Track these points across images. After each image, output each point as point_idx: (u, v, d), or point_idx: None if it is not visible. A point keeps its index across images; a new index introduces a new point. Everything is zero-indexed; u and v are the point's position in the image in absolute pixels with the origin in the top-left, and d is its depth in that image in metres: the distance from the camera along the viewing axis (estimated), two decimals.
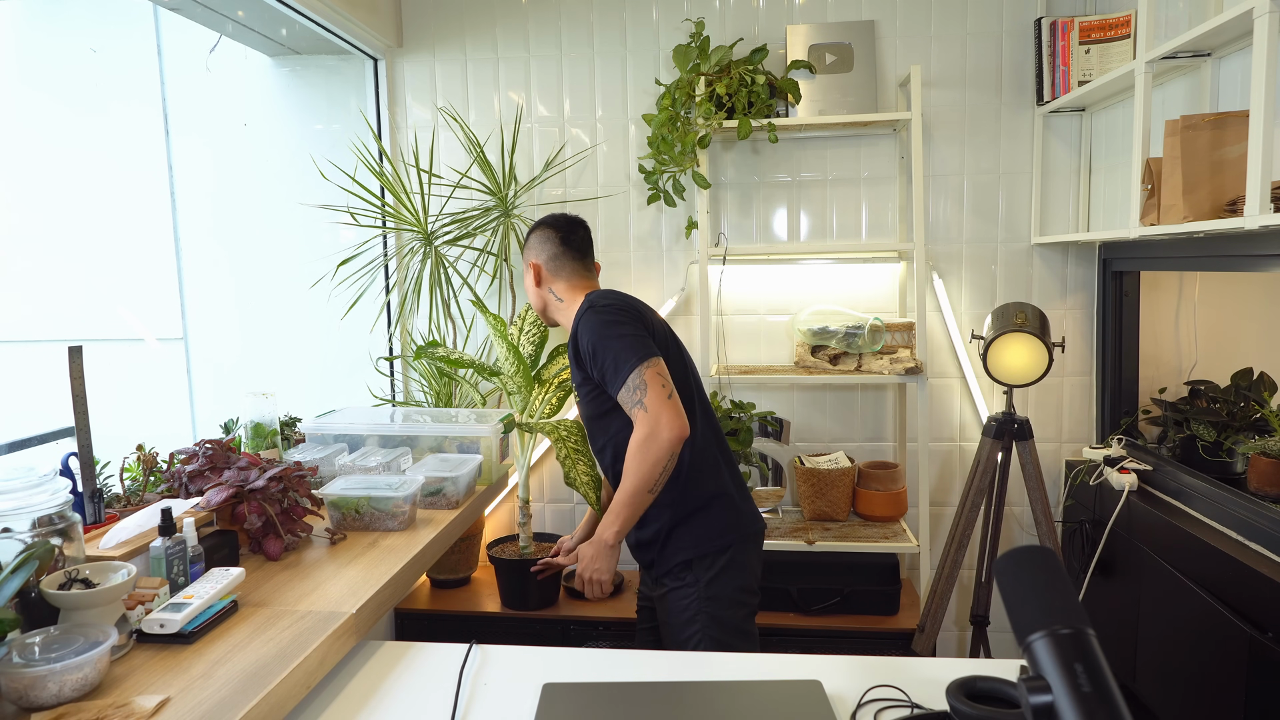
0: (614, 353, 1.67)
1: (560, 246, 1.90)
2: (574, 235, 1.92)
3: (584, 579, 1.76)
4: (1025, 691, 0.72)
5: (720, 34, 2.76)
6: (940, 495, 2.84)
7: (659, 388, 1.64)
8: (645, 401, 1.64)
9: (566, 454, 2.43)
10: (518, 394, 2.57)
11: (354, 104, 2.97)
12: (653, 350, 1.69)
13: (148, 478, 1.79)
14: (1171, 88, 2.23)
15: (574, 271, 1.90)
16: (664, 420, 1.62)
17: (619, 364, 1.66)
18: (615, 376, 1.67)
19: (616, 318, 1.72)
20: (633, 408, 1.66)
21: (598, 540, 1.74)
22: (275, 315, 3.10)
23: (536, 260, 1.91)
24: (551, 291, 1.91)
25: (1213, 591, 1.85)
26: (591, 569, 1.75)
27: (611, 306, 1.74)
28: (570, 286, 1.89)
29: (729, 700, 1.23)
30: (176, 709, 1.08)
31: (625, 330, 1.70)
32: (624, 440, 1.75)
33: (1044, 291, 2.75)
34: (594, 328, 1.71)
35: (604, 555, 1.74)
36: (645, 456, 1.63)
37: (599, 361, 1.69)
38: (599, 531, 1.74)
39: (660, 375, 1.66)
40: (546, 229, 1.92)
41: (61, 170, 3.10)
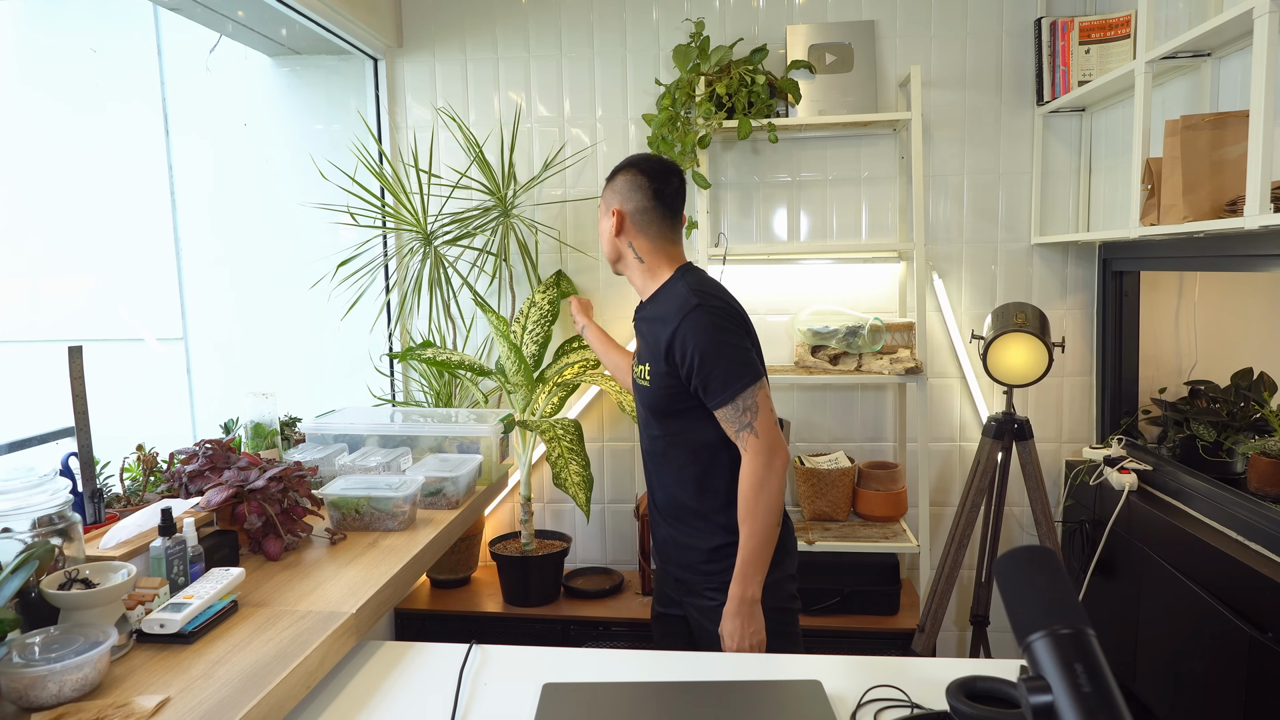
0: (725, 366, 1.56)
1: (652, 200, 1.69)
2: (668, 187, 1.71)
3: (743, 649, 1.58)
4: (1025, 691, 0.72)
5: (720, 34, 2.76)
6: (940, 495, 2.84)
7: (769, 412, 1.57)
8: (757, 426, 1.55)
9: (560, 453, 2.43)
10: (518, 393, 2.57)
11: (354, 104, 2.97)
12: (761, 370, 1.61)
13: (148, 478, 1.79)
14: (1171, 88, 2.23)
15: (661, 234, 1.71)
16: (776, 447, 1.56)
17: (729, 379, 1.56)
18: (722, 390, 1.56)
19: (730, 325, 1.60)
20: (740, 430, 1.57)
21: (742, 601, 1.57)
22: (275, 315, 3.10)
23: (622, 208, 1.70)
24: (632, 247, 1.71)
25: (1213, 591, 1.85)
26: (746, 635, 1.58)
27: (723, 311, 1.61)
28: (655, 250, 1.71)
29: (729, 700, 1.23)
30: (176, 709, 1.08)
31: (738, 342, 1.59)
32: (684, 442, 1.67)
33: (1044, 291, 2.75)
34: (705, 331, 1.57)
35: (755, 615, 1.58)
36: (768, 489, 1.55)
37: (705, 369, 1.57)
38: (736, 593, 1.58)
39: (768, 398, 1.58)
40: (638, 173, 1.70)
41: (61, 170, 3.10)
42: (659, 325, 1.64)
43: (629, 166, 1.72)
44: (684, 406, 1.64)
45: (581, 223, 2.87)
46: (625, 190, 1.70)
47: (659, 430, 1.71)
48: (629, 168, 1.72)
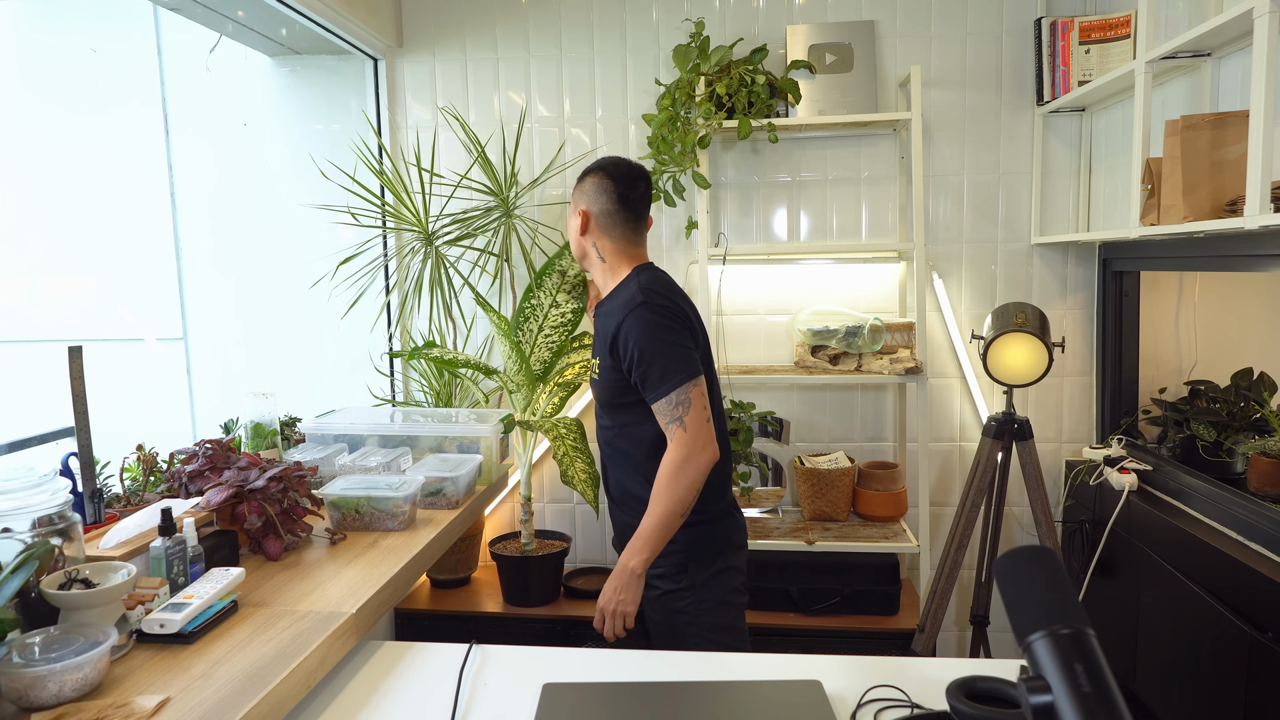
0: (661, 362, 1.62)
1: (617, 204, 1.76)
2: (634, 191, 1.77)
3: (607, 611, 1.67)
4: (1025, 691, 0.72)
5: (720, 34, 2.76)
6: (940, 495, 2.84)
7: (700, 409, 1.62)
8: (686, 421, 1.61)
9: (565, 452, 2.43)
10: (519, 392, 2.57)
11: (354, 104, 2.97)
12: (699, 368, 1.66)
13: (148, 478, 1.79)
14: (1171, 88, 2.23)
15: (624, 236, 1.78)
16: (700, 443, 1.61)
17: (665, 375, 1.62)
18: (658, 386, 1.62)
19: (671, 324, 1.66)
20: (670, 423, 1.62)
21: (623, 570, 1.66)
22: (275, 315, 3.10)
23: (587, 208, 1.78)
24: (595, 247, 1.79)
25: (1213, 591, 1.85)
26: (616, 600, 1.67)
27: (667, 310, 1.67)
28: (617, 251, 1.78)
29: (729, 700, 1.23)
30: (176, 709, 1.08)
31: (676, 340, 1.65)
32: (630, 434, 1.74)
33: (1044, 291, 2.75)
34: (645, 328, 1.64)
35: (631, 585, 1.66)
36: (681, 480, 1.60)
37: (643, 365, 1.64)
38: (624, 560, 1.66)
39: (702, 395, 1.63)
40: (605, 177, 1.77)
41: (61, 170, 3.10)
42: (608, 320, 1.73)
43: (598, 169, 1.79)
44: (629, 400, 1.70)
45: None
46: (592, 192, 1.78)
47: (609, 421, 1.79)
48: (598, 170, 1.78)
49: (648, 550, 1.64)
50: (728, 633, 1.74)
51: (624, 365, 1.67)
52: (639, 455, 1.74)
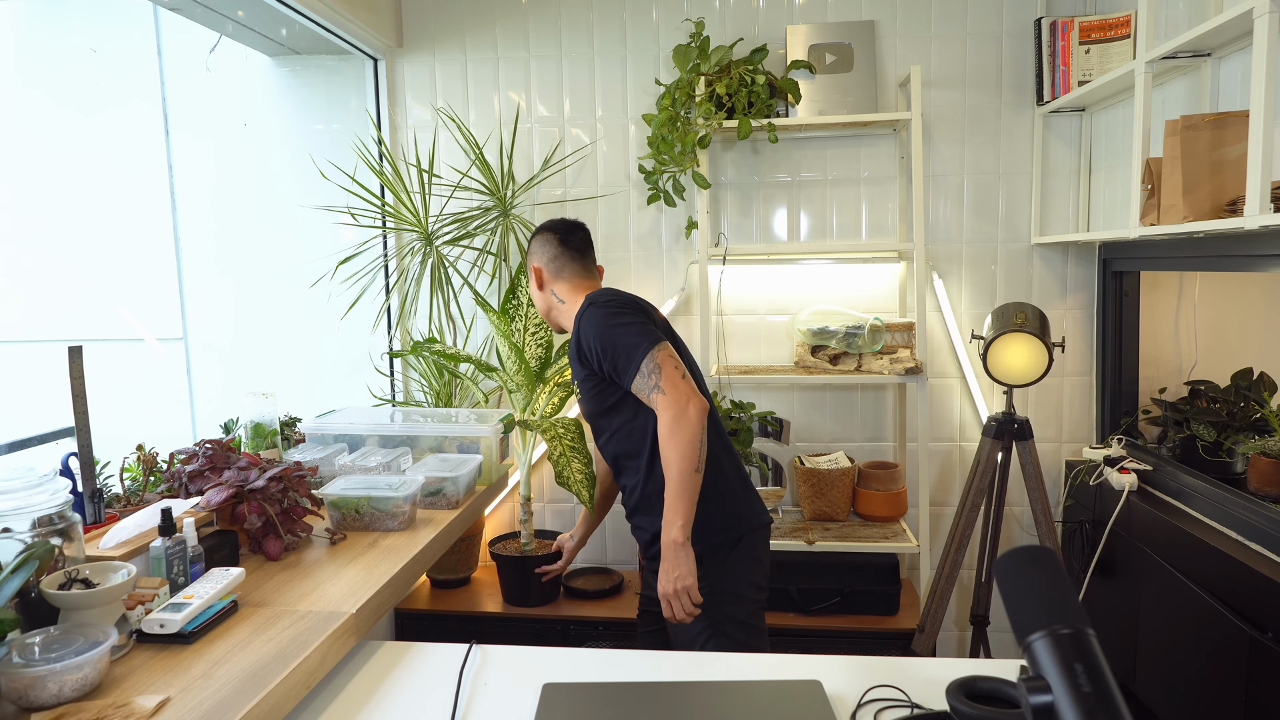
0: (622, 342, 1.68)
1: (559, 247, 1.91)
2: (573, 236, 1.93)
3: (670, 594, 1.62)
4: (1025, 691, 0.72)
5: (720, 34, 2.76)
6: (940, 495, 2.84)
7: (672, 368, 1.65)
8: (662, 384, 1.64)
9: (561, 452, 2.43)
10: (519, 392, 2.57)
11: (354, 104, 2.97)
12: (659, 336, 1.70)
13: (148, 478, 1.79)
14: (1171, 88, 2.23)
15: (575, 273, 1.91)
16: (683, 399, 1.62)
17: (630, 353, 1.66)
18: (628, 365, 1.67)
19: (618, 310, 1.73)
20: (651, 393, 1.66)
21: (668, 547, 1.62)
22: (275, 315, 3.10)
23: (537, 264, 1.93)
24: (554, 294, 1.92)
25: (1213, 591, 1.85)
26: (673, 580, 1.61)
27: (612, 301, 1.75)
28: (572, 288, 1.90)
29: (729, 700, 1.23)
30: (176, 709, 1.08)
31: (629, 319, 1.71)
32: (629, 434, 1.77)
33: (1044, 291, 2.75)
34: (597, 321, 1.71)
35: (680, 558, 1.61)
36: (681, 436, 1.62)
37: (608, 354, 1.69)
38: (664, 539, 1.63)
39: (671, 357, 1.67)
40: (545, 232, 1.95)
41: (61, 170, 3.10)
42: (573, 338, 1.80)
43: (538, 231, 1.96)
44: (615, 398, 1.76)
45: None
46: (538, 249, 1.94)
47: (608, 431, 1.82)
48: (539, 232, 1.96)
49: (680, 516, 1.62)
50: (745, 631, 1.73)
51: (594, 365, 1.74)
52: (645, 455, 1.77)
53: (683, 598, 1.61)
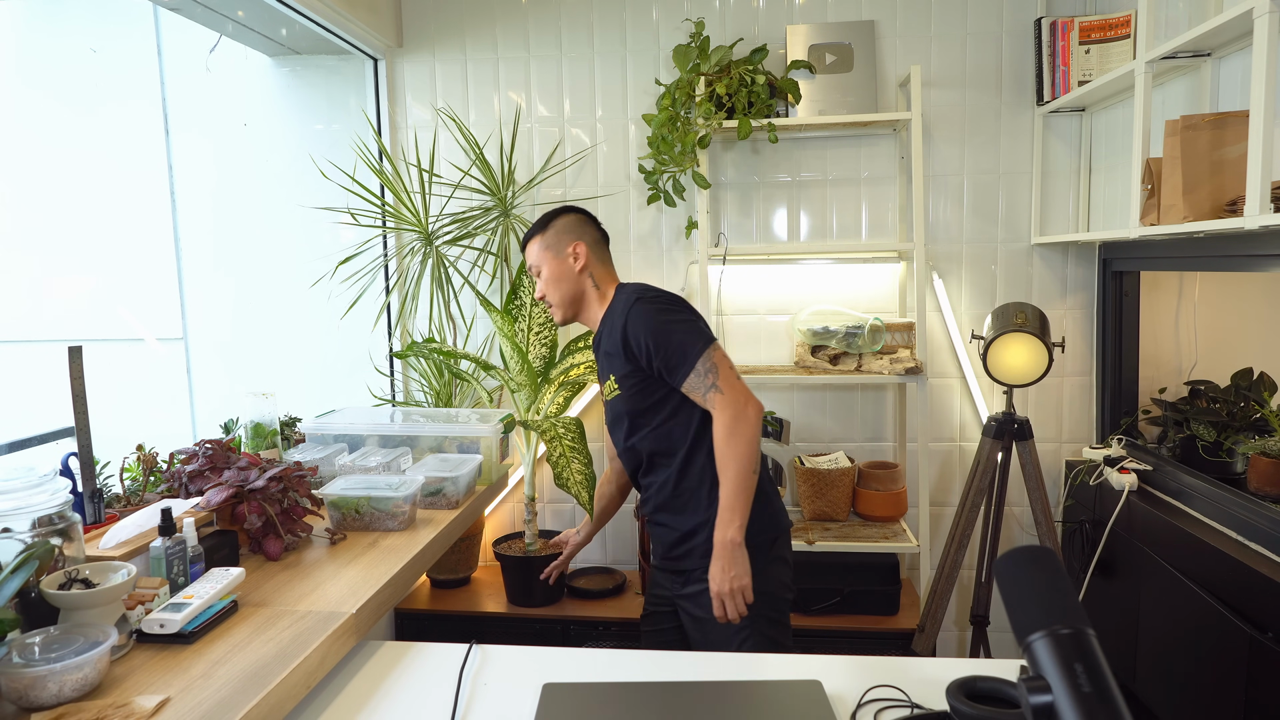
0: (676, 340, 1.65)
1: (597, 232, 1.87)
2: (598, 222, 1.90)
3: (725, 593, 1.60)
4: (1025, 691, 0.72)
5: (720, 34, 2.76)
6: (940, 495, 2.84)
7: (728, 368, 1.65)
8: (720, 384, 1.63)
9: (561, 452, 2.43)
10: (521, 392, 2.57)
11: (354, 104, 2.97)
12: (711, 335, 1.70)
13: (148, 478, 1.79)
14: (1171, 88, 2.23)
15: (608, 260, 1.88)
16: (742, 399, 1.63)
17: (686, 350, 1.64)
18: (683, 363, 1.64)
19: (668, 307, 1.71)
20: (707, 392, 1.64)
21: (723, 545, 1.60)
22: (275, 315, 3.10)
23: (582, 243, 1.82)
24: (592, 278, 1.83)
25: (1213, 591, 1.85)
26: (729, 578, 1.60)
27: (660, 298, 1.73)
28: (606, 276, 1.85)
29: (729, 700, 1.23)
30: (176, 709, 1.08)
31: (681, 317, 1.69)
32: (668, 431, 1.73)
33: (1044, 291, 2.75)
34: (648, 317, 1.68)
35: (737, 558, 1.60)
36: (740, 437, 1.61)
37: (660, 351, 1.66)
38: (720, 537, 1.61)
39: (725, 356, 1.67)
40: (577, 214, 1.87)
41: (61, 170, 3.10)
42: (612, 333, 1.75)
43: (566, 212, 1.87)
44: (658, 397, 1.72)
45: None
46: (576, 228, 1.84)
47: (647, 427, 1.76)
48: (565, 213, 1.87)
49: (738, 517, 1.61)
50: (779, 629, 1.72)
51: (643, 361, 1.69)
52: (682, 452, 1.74)
53: (737, 597, 1.60)
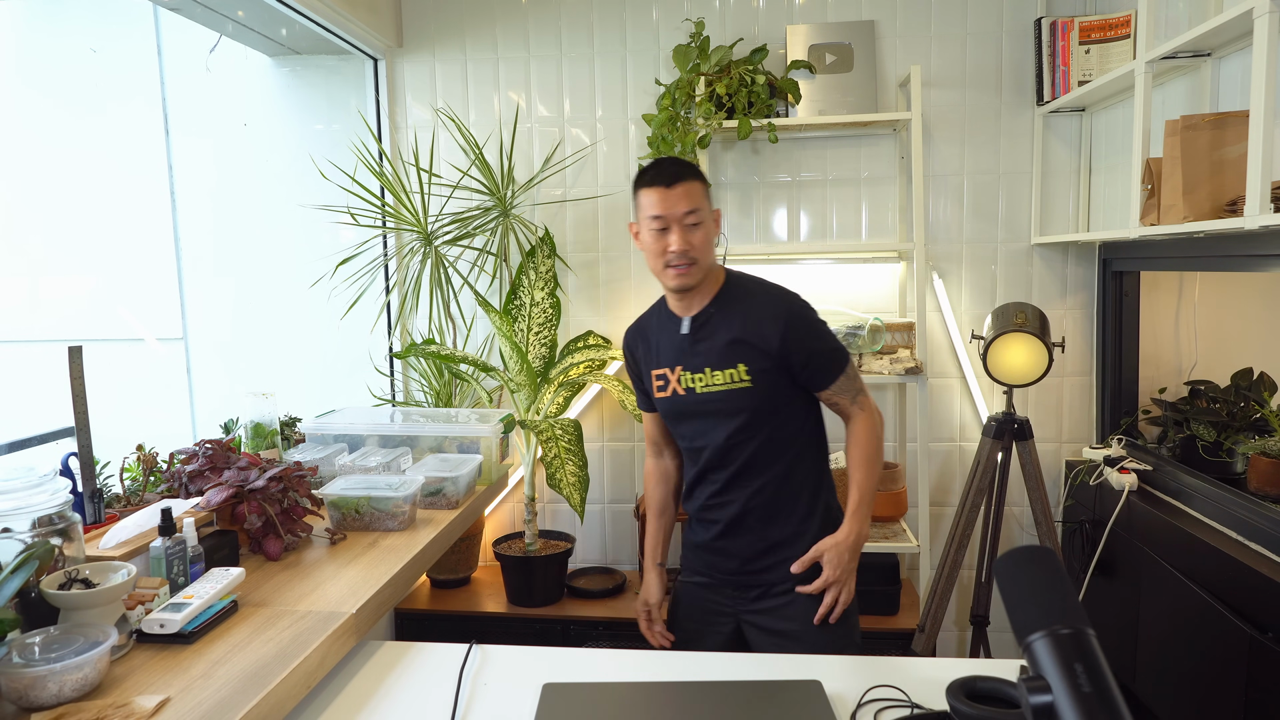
0: (831, 345, 1.67)
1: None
2: None
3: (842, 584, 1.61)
4: (1025, 691, 0.72)
5: (720, 34, 2.76)
6: (940, 495, 2.84)
7: (861, 379, 1.71)
8: (863, 389, 1.70)
9: (557, 453, 2.43)
10: (520, 392, 2.57)
11: (354, 104, 2.97)
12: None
13: (148, 478, 1.79)
14: (1171, 88, 2.23)
15: None
16: (876, 407, 1.70)
17: (837, 356, 1.67)
18: (834, 367, 1.66)
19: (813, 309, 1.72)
20: (856, 396, 1.68)
21: (857, 538, 1.62)
22: (275, 315, 3.10)
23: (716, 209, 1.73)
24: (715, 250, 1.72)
25: (1213, 591, 1.85)
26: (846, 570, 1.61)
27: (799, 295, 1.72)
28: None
29: (729, 700, 1.23)
30: (176, 709, 1.08)
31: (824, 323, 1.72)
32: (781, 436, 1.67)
33: (1044, 291, 2.75)
34: (811, 318, 1.68)
35: (856, 557, 1.63)
36: (878, 445, 1.67)
37: (816, 353, 1.64)
38: (852, 530, 1.61)
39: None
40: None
41: (61, 170, 3.10)
42: (756, 324, 1.64)
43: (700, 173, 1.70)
44: (785, 399, 1.67)
45: (581, 222, 2.87)
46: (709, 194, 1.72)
47: (764, 426, 1.66)
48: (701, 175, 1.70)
49: (870, 515, 1.66)
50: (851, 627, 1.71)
51: (788, 358, 1.63)
52: (789, 458, 1.68)
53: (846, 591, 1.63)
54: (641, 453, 2.93)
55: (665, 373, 1.72)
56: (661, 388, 1.73)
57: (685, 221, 1.62)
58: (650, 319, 1.81)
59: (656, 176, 1.64)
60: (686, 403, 1.69)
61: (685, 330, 1.69)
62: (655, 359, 1.75)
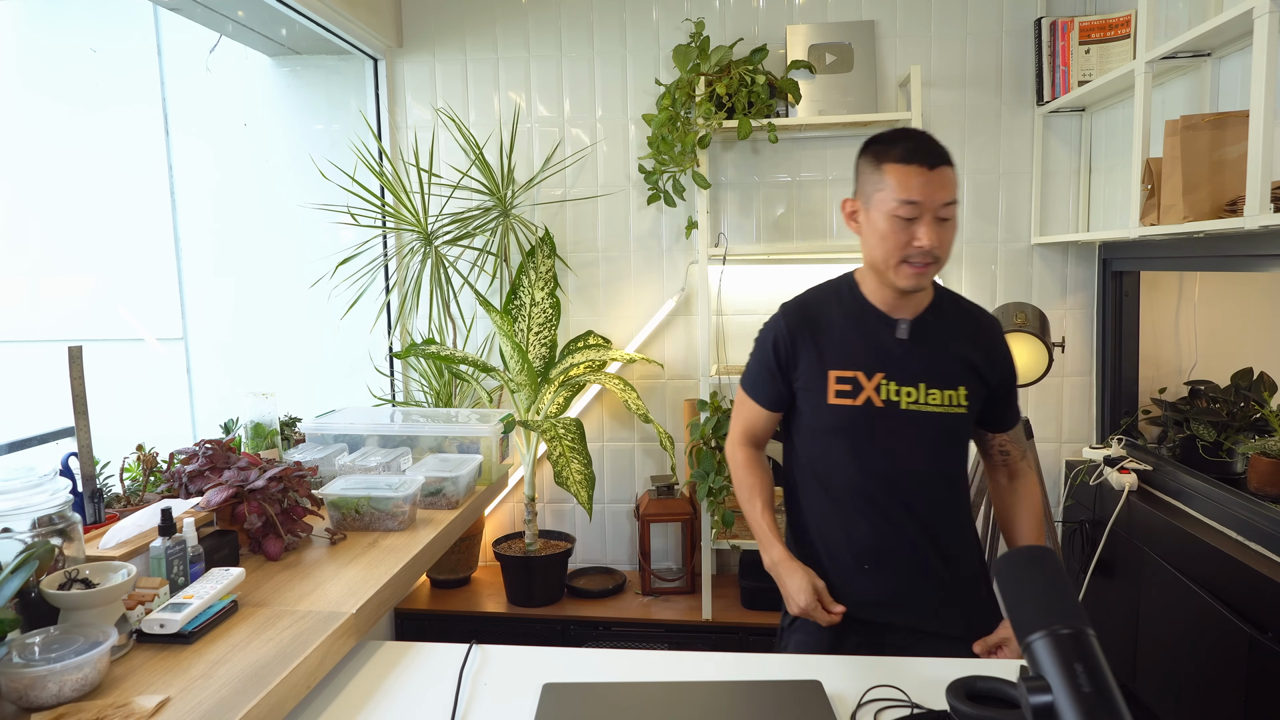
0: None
1: None
2: None
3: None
4: (1025, 691, 0.72)
5: (720, 34, 2.76)
6: None
7: None
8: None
9: (561, 452, 2.43)
10: (521, 392, 2.57)
11: (354, 104, 2.97)
12: None
13: (148, 478, 1.79)
14: (1171, 88, 2.23)
15: None
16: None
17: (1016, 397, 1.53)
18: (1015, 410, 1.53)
19: None
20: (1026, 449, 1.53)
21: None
22: (275, 315, 3.10)
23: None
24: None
25: (1213, 591, 1.85)
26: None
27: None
28: None
29: (729, 700, 1.23)
30: (176, 709, 1.08)
31: None
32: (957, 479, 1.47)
33: (1044, 291, 2.75)
34: (1008, 347, 1.50)
35: None
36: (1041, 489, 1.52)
37: (1015, 388, 1.51)
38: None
39: None
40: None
41: (62, 170, 3.10)
42: (979, 345, 1.45)
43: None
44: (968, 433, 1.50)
45: (581, 222, 2.87)
46: None
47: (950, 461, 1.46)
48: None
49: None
50: None
51: (1000, 391, 1.48)
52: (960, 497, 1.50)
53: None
54: (641, 452, 2.93)
55: (857, 377, 1.43)
56: (845, 393, 1.43)
57: (941, 214, 1.36)
58: (828, 306, 1.53)
59: (915, 153, 1.37)
60: (882, 417, 1.42)
61: (903, 335, 1.43)
62: (839, 357, 1.45)
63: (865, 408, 1.42)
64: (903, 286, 1.40)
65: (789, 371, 1.50)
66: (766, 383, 1.53)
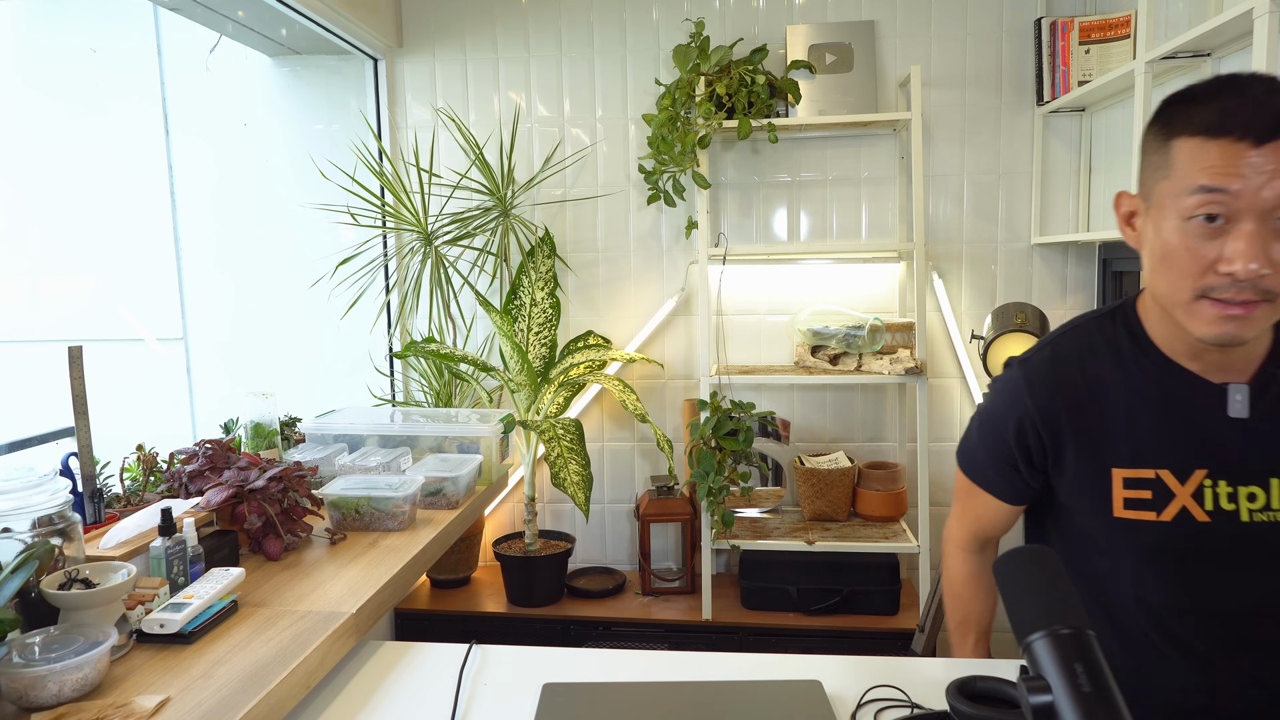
0: None
1: None
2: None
3: None
4: (1025, 691, 0.72)
5: (720, 34, 2.76)
6: (940, 495, 2.84)
7: None
8: None
9: (560, 453, 2.43)
10: (520, 392, 2.57)
11: (354, 104, 2.97)
12: None
13: (148, 478, 1.79)
14: (1171, 88, 2.22)
15: None
16: None
17: None
18: None
19: None
20: None
21: None
22: (275, 315, 3.10)
23: None
24: None
25: None
26: None
27: None
28: None
29: (729, 700, 1.23)
30: (176, 709, 1.08)
31: None
32: None
33: (1044, 291, 2.75)
34: None
35: None
36: None
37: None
38: None
39: None
40: None
41: (61, 170, 3.10)
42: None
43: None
44: None
45: (581, 222, 2.88)
46: None
47: None
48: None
49: None
50: None
51: None
52: None
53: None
54: (641, 452, 2.93)
55: (1160, 477, 1.00)
56: (1142, 503, 1.01)
57: (1274, 216, 0.87)
58: (1099, 365, 1.05)
59: (1233, 117, 0.90)
60: (1209, 537, 0.99)
61: (1239, 411, 0.97)
62: (1127, 449, 1.02)
63: (1179, 524, 0.99)
64: (1202, 336, 0.92)
65: (1042, 468, 1.10)
66: (1006, 475, 1.12)
